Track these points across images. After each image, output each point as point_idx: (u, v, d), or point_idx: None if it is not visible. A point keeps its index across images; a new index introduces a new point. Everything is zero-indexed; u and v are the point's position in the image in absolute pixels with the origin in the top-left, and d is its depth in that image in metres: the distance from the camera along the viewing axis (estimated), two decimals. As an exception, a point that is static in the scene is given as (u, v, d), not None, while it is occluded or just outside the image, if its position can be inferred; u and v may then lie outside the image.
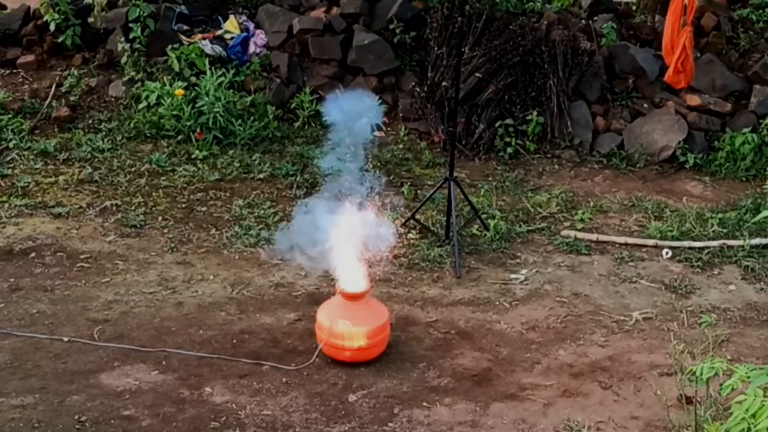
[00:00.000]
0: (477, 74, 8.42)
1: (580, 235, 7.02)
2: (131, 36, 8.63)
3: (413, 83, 8.74)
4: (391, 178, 7.68)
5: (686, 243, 6.95)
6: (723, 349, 5.52)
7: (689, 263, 6.71)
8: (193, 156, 7.87)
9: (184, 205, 7.13)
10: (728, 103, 8.74)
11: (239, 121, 8.12)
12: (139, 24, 8.61)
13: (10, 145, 7.85)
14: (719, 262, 6.75)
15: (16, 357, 5.23)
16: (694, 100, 8.71)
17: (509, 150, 8.32)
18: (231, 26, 8.94)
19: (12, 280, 6.06)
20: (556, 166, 8.32)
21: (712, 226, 7.19)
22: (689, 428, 4.51)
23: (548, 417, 4.94)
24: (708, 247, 6.89)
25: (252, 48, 8.84)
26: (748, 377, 3.53)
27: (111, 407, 4.83)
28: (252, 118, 8.22)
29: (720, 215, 7.36)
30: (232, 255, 6.50)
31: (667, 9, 7.76)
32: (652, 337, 5.77)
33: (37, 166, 7.59)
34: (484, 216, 7.07)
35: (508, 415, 4.95)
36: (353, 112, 5.82)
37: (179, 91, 8.08)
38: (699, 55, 8.88)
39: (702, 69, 8.69)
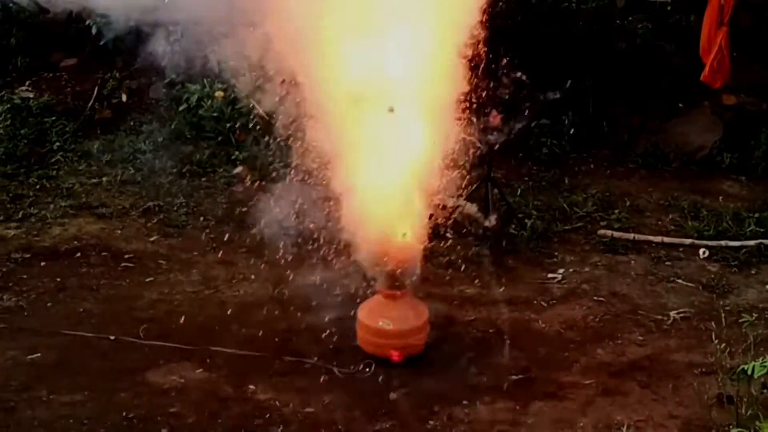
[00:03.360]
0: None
1: (616, 234, 7.04)
2: (172, 39, 8.73)
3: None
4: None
5: (723, 242, 6.95)
6: (761, 349, 5.51)
7: (726, 263, 6.71)
8: (233, 157, 7.97)
9: (225, 206, 7.23)
10: (764, 103, 8.71)
11: (278, 122, 8.21)
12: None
13: (55, 147, 8.00)
14: (756, 261, 6.74)
15: (65, 355, 5.35)
16: (730, 99, 8.68)
17: (545, 150, 8.35)
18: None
19: (59, 279, 6.19)
20: (592, 166, 8.33)
21: (749, 225, 7.18)
22: (731, 426, 4.51)
23: (587, 416, 4.96)
24: (745, 247, 6.89)
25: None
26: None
27: (158, 404, 4.93)
28: (291, 118, 8.30)
29: (757, 215, 7.34)
30: (272, 255, 6.58)
31: (704, 8, 7.77)
32: (690, 337, 5.78)
33: (80, 168, 7.75)
34: (520, 215, 7.11)
35: (547, 413, 4.98)
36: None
37: (219, 93, 8.18)
38: (735, 54, 8.85)
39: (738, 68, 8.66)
